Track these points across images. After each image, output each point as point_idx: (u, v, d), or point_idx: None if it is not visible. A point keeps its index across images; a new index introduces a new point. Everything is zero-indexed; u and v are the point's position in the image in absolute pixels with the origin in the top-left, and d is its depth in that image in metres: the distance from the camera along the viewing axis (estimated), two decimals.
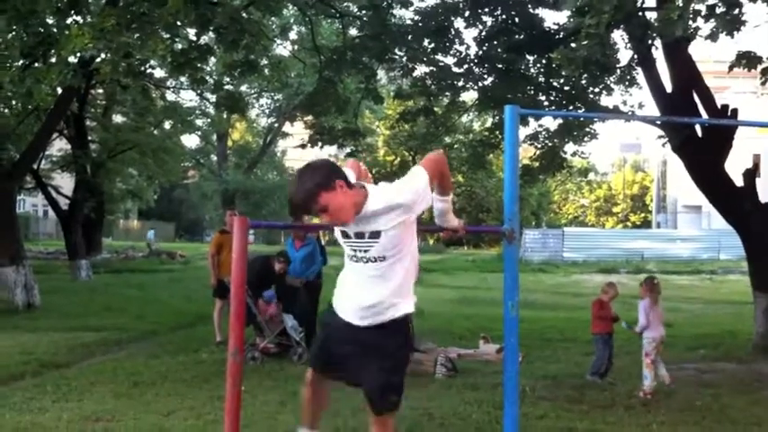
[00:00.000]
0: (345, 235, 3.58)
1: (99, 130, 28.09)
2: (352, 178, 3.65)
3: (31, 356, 9.41)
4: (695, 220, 45.07)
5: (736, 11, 8.11)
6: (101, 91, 26.96)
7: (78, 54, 11.91)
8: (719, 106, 10.91)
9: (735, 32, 8.18)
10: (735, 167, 11.03)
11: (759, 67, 9.61)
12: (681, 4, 7.79)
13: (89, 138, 26.81)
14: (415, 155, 41.20)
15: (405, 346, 3.71)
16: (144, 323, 12.90)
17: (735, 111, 10.91)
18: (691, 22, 8.30)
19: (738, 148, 11.26)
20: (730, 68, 9.87)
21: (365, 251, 3.51)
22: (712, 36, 8.39)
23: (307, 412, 4.01)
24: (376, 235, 3.48)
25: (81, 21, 12.00)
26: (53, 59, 12.86)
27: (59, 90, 17.50)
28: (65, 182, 28.89)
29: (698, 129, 10.99)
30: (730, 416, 6.97)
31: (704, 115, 10.84)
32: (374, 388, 3.63)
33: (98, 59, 11.26)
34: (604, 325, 8.66)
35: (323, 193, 3.38)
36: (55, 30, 12.36)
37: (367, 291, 3.55)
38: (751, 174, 10.98)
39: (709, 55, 22.03)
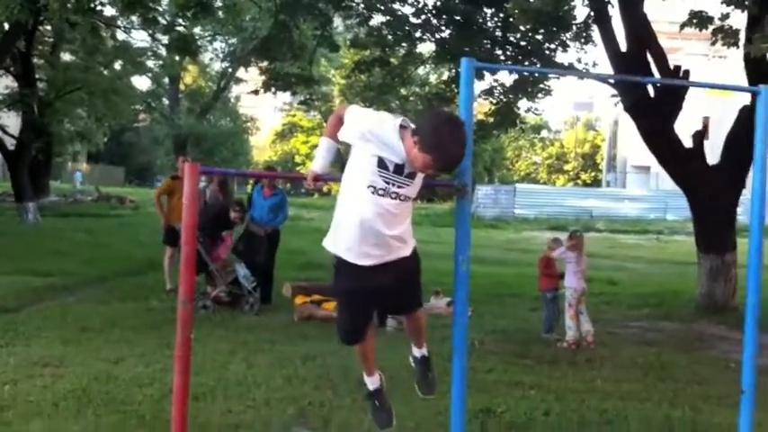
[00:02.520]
0: (381, 164, 3.48)
1: (47, 68, 27.27)
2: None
3: None
4: (644, 181, 45.72)
5: None
6: (49, 28, 26.13)
7: None
8: (672, 67, 11.03)
9: None
10: (684, 129, 11.20)
11: (710, 28, 9.72)
12: None
13: (36, 76, 26.04)
14: (371, 106, 40.88)
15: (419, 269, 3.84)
16: (93, 268, 12.74)
17: (686, 72, 11.02)
18: None
19: (688, 110, 11.41)
20: (681, 27, 9.98)
21: (399, 187, 3.50)
22: None
23: (365, 363, 4.01)
24: (412, 176, 3.51)
25: None
26: None
27: (6, 26, 16.95)
28: (11, 121, 28.09)
29: (650, 89, 11.10)
30: (672, 373, 7.19)
31: (657, 75, 10.95)
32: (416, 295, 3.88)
33: None
34: (551, 281, 8.83)
35: None
36: None
37: (389, 224, 3.53)
38: (700, 136, 11.17)
39: (665, 14, 22.13)
